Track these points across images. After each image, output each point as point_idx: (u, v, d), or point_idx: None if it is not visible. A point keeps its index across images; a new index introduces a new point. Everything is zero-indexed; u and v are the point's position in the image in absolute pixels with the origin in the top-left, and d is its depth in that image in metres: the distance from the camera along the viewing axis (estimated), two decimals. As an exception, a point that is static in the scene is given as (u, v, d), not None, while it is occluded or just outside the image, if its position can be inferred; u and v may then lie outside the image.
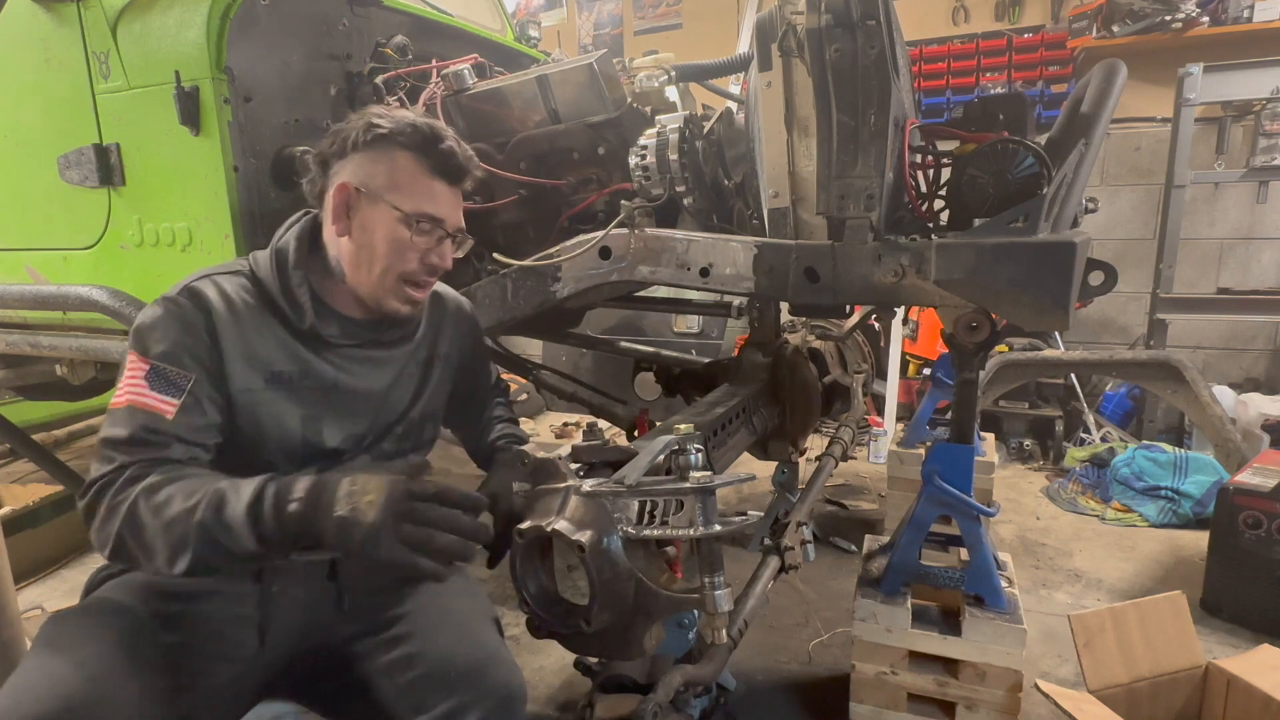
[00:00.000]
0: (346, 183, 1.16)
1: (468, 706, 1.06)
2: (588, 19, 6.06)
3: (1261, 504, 2.22)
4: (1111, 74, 1.53)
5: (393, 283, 1.19)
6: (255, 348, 1.15)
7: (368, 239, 1.17)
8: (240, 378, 1.13)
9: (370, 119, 1.16)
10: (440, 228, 1.19)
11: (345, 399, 1.23)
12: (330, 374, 1.21)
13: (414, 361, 1.33)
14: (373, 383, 1.26)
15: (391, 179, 1.16)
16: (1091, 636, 1.57)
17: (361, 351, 1.25)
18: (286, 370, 1.17)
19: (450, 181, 1.21)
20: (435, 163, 1.18)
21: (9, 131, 2.08)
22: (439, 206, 1.19)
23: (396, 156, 1.16)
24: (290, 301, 1.17)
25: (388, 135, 1.15)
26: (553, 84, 1.85)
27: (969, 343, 1.41)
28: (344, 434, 1.23)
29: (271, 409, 1.16)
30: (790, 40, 1.31)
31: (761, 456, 2.23)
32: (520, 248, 1.86)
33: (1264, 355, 4.28)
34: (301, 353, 1.19)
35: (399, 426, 1.30)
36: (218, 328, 1.11)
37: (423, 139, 1.16)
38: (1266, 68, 3.50)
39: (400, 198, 1.15)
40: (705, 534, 1.01)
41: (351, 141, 1.16)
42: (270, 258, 1.19)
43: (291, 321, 1.17)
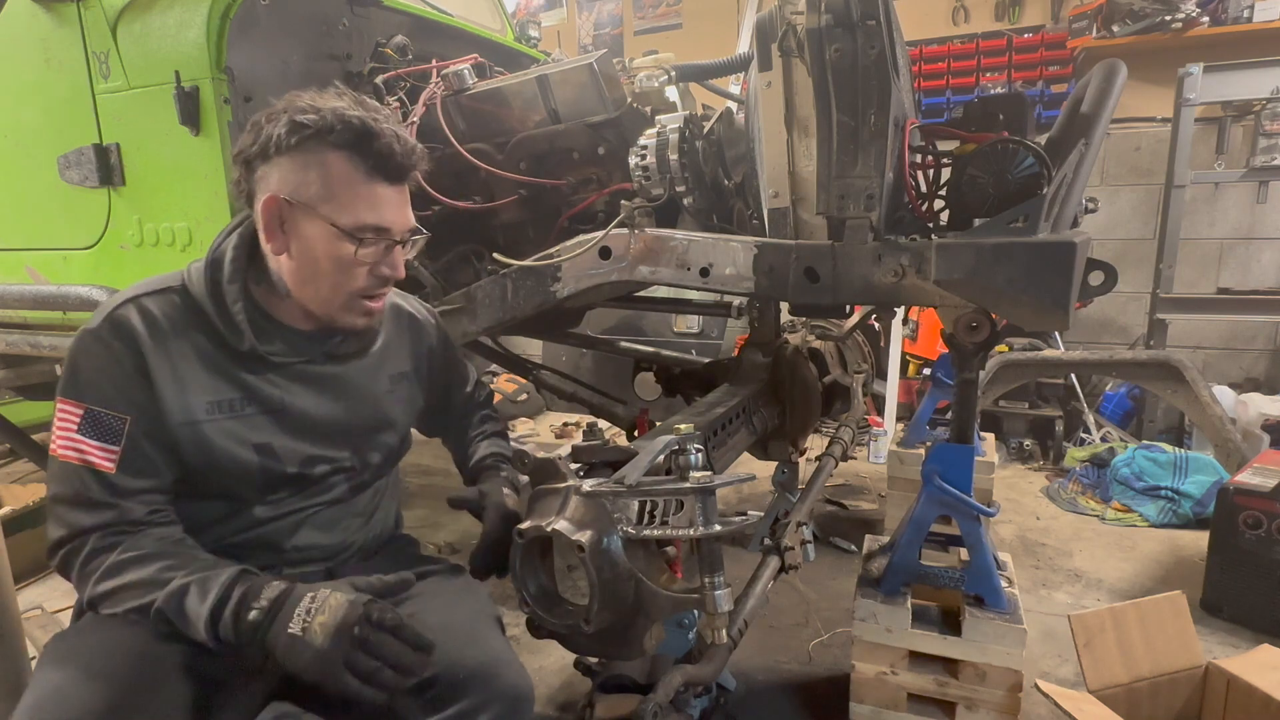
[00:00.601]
0: (274, 195, 1.03)
1: (477, 709, 1.06)
2: (588, 19, 6.06)
3: (1261, 504, 2.22)
4: (1111, 74, 1.53)
5: (343, 300, 1.09)
6: (190, 376, 1.05)
7: (307, 258, 1.06)
8: (178, 411, 1.04)
9: (293, 115, 1.01)
10: (386, 236, 1.07)
11: (297, 421, 1.14)
12: (276, 396, 1.12)
13: (383, 376, 1.26)
14: (328, 402, 1.17)
15: (326, 188, 1.02)
16: (1091, 636, 1.57)
17: (313, 368, 1.15)
18: (228, 397, 1.08)
19: (393, 181, 1.07)
20: (373, 163, 1.04)
21: (9, 131, 2.09)
22: (382, 214, 1.06)
23: (328, 160, 1.02)
24: (226, 322, 1.06)
25: (315, 134, 1.01)
26: (553, 84, 1.85)
27: (969, 343, 1.41)
28: (305, 457, 1.15)
29: (218, 441, 1.07)
30: (790, 40, 1.31)
31: (761, 456, 2.23)
32: (520, 248, 1.86)
33: (1264, 355, 4.28)
34: (242, 376, 1.09)
35: (362, 439, 1.23)
36: (146, 358, 1.02)
37: (355, 136, 1.02)
38: (1266, 68, 3.50)
39: (338, 210, 1.03)
40: (705, 534, 1.01)
41: (275, 143, 1.02)
42: (204, 272, 1.08)
43: (229, 343, 1.07)
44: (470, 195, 1.95)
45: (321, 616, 0.91)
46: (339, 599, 0.93)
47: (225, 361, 1.08)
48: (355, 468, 1.22)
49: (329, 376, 1.18)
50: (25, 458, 3.24)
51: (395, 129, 1.06)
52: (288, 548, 1.18)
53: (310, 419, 1.15)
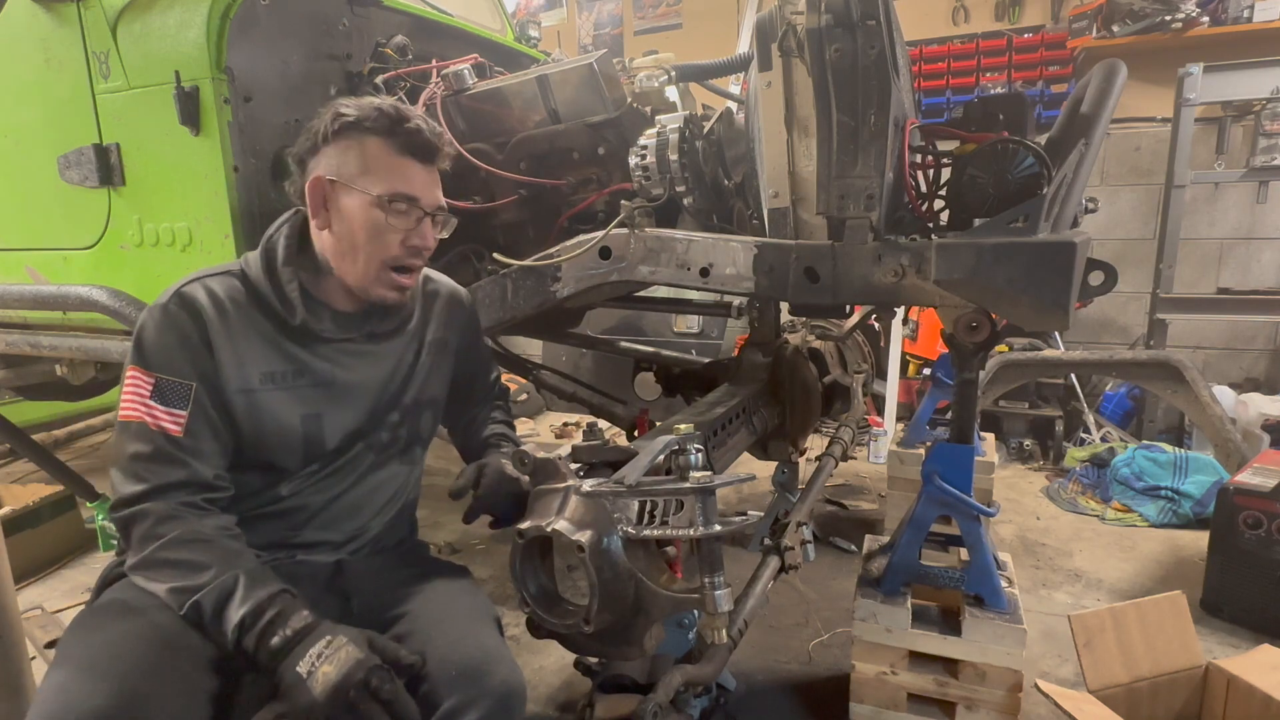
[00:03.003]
0: (320, 176, 1.16)
1: (467, 705, 1.06)
2: (588, 19, 6.06)
3: (1261, 504, 2.22)
4: (1111, 74, 1.53)
5: (377, 270, 1.19)
6: (248, 349, 1.16)
7: (346, 228, 1.17)
8: (236, 379, 1.15)
9: (337, 109, 1.16)
10: (416, 206, 1.19)
11: (343, 394, 1.24)
12: (326, 370, 1.22)
13: (414, 353, 1.34)
14: (369, 376, 1.27)
15: (362, 165, 1.16)
16: (1091, 636, 1.57)
17: (356, 345, 1.26)
18: (281, 369, 1.19)
19: (422, 160, 1.20)
20: (403, 142, 1.17)
21: (9, 131, 2.09)
22: (412, 185, 1.18)
23: (365, 142, 1.16)
24: (281, 299, 1.18)
25: (354, 123, 1.15)
26: (553, 84, 1.85)
27: (969, 343, 1.41)
28: (346, 430, 1.25)
29: (270, 409, 1.17)
30: (790, 40, 1.31)
31: (761, 456, 2.23)
32: (520, 248, 1.86)
33: (1264, 355, 4.28)
34: (295, 351, 1.20)
35: (394, 414, 1.31)
36: (209, 332, 1.13)
37: (389, 121, 1.16)
38: (1266, 68, 3.49)
39: (371, 181, 1.16)
40: (705, 534, 1.01)
41: (321, 135, 1.16)
42: (260, 257, 1.20)
43: (284, 320, 1.18)
44: (470, 195, 1.95)
45: (327, 667, 0.96)
46: (349, 654, 0.98)
47: (279, 337, 1.19)
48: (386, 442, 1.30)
49: (370, 353, 1.28)
50: (25, 458, 3.25)
51: (424, 117, 1.21)
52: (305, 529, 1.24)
53: (354, 392, 1.25)
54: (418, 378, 1.35)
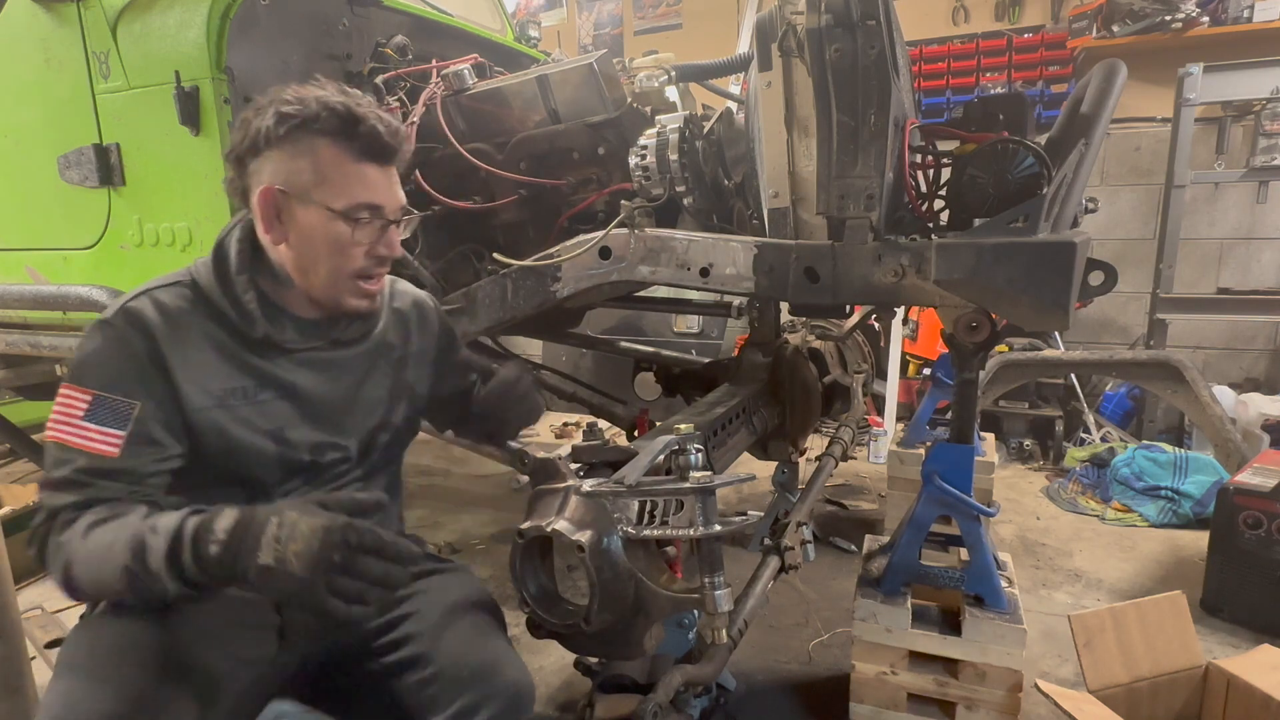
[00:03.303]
0: (269, 186, 1.06)
1: (478, 705, 1.06)
2: (588, 19, 6.06)
3: (1261, 504, 2.22)
4: (1111, 74, 1.53)
5: (344, 282, 1.12)
6: (205, 363, 1.08)
7: (305, 243, 1.08)
8: (195, 397, 1.06)
9: (279, 108, 1.05)
10: (380, 215, 1.10)
11: (313, 406, 1.17)
12: (290, 381, 1.14)
13: (384, 361, 1.27)
14: (340, 385, 1.20)
15: (317, 174, 1.06)
16: (1091, 636, 1.57)
17: (322, 354, 1.18)
18: (242, 384, 1.10)
19: (381, 162, 1.10)
20: (361, 146, 1.07)
21: (9, 131, 2.09)
22: (374, 193, 1.09)
23: (317, 147, 1.05)
24: (238, 310, 1.09)
25: (302, 124, 1.04)
26: (553, 84, 1.85)
27: (969, 343, 1.41)
28: (316, 443, 1.17)
29: (235, 426, 1.09)
30: (790, 40, 1.31)
31: (761, 456, 2.23)
32: (520, 248, 1.86)
33: (1264, 355, 4.28)
34: (256, 363, 1.12)
35: (384, 434, 1.26)
36: (161, 348, 1.04)
37: (341, 122, 1.05)
38: (1266, 68, 3.49)
39: (331, 194, 1.06)
40: (705, 534, 1.01)
41: (264, 136, 1.05)
42: (211, 265, 1.11)
43: (242, 331, 1.10)
44: (470, 195, 1.95)
45: (295, 545, 0.87)
46: (311, 524, 0.88)
47: (238, 349, 1.11)
48: (362, 453, 1.24)
49: (336, 361, 1.20)
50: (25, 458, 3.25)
51: (379, 112, 1.09)
52: None
53: (321, 403, 1.18)
54: (404, 391, 1.29)
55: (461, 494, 3.58)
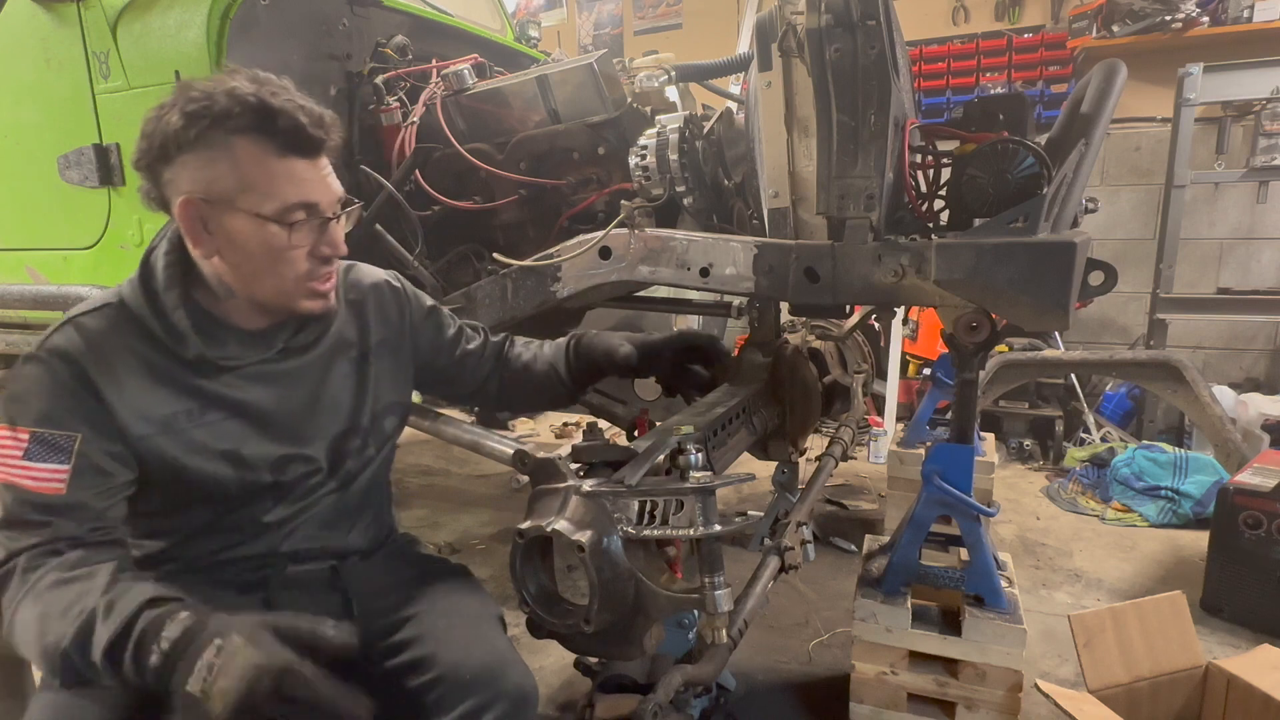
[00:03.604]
0: (188, 197, 0.97)
1: (483, 709, 1.05)
2: (588, 19, 6.06)
3: (1261, 504, 2.22)
4: (1111, 74, 1.53)
5: (291, 288, 1.04)
6: (141, 389, 1.01)
7: (240, 256, 1.00)
8: (134, 425, 0.99)
9: (185, 106, 0.95)
10: (316, 213, 1.02)
11: (268, 421, 1.10)
12: (237, 399, 1.07)
13: (344, 361, 1.19)
14: (296, 395, 1.13)
15: (239, 178, 0.97)
16: (1091, 636, 1.57)
17: (270, 366, 1.10)
18: (184, 408, 1.03)
19: (308, 155, 1.01)
20: (283, 140, 0.98)
21: (9, 131, 2.09)
22: (305, 190, 1.00)
23: (234, 147, 0.96)
24: (169, 331, 1.02)
25: (213, 123, 0.95)
26: (553, 84, 1.86)
27: (969, 343, 1.41)
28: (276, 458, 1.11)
29: (183, 451, 1.03)
30: (790, 40, 1.31)
31: (761, 456, 2.23)
32: (520, 248, 1.86)
33: (1264, 355, 4.28)
34: (199, 383, 1.04)
35: (354, 438, 1.19)
36: (92, 377, 0.97)
37: (257, 117, 0.96)
38: (1266, 68, 3.49)
39: (258, 199, 0.97)
40: (705, 534, 1.01)
41: (173, 141, 0.96)
42: (138, 283, 1.03)
43: (176, 352, 1.02)
44: (470, 195, 1.95)
45: (223, 681, 0.78)
46: (246, 659, 0.79)
47: (177, 371, 1.03)
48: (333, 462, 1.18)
49: (290, 372, 1.12)
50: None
51: (298, 100, 1.00)
52: (284, 552, 1.16)
53: (276, 417, 1.11)
54: (370, 391, 1.21)
55: (461, 494, 3.58)
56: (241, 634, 0.82)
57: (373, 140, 1.98)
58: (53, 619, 0.87)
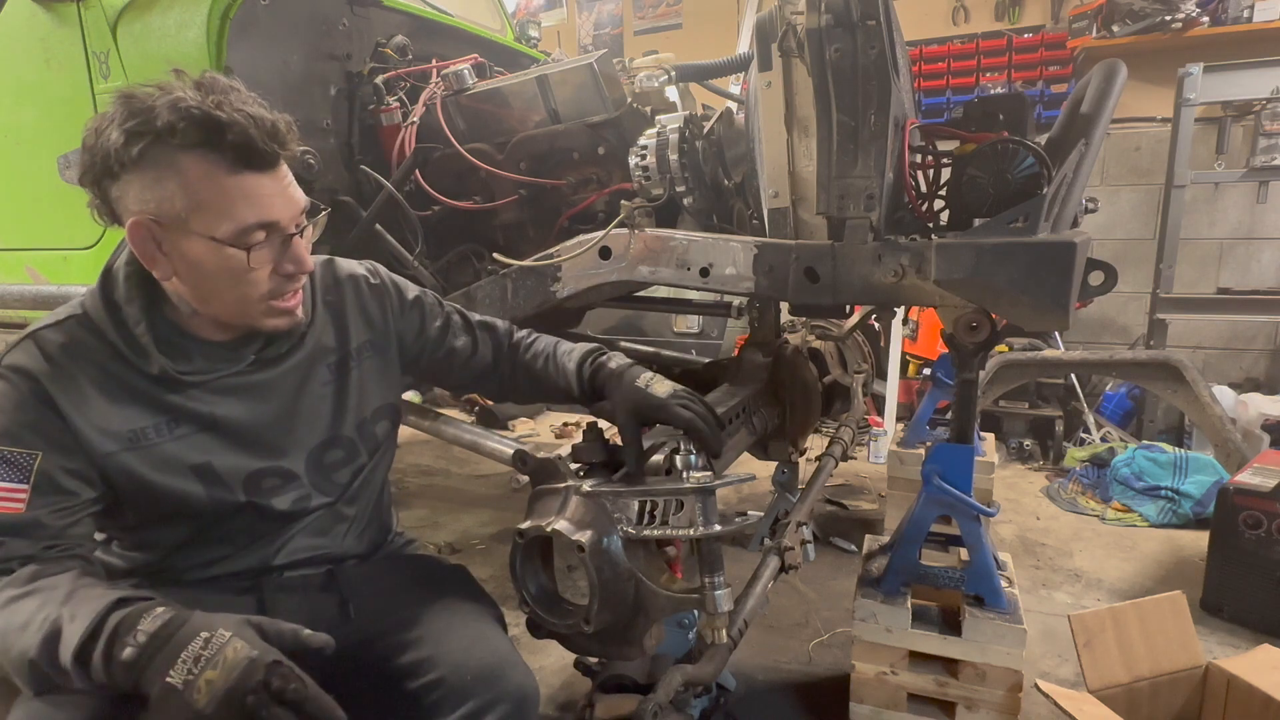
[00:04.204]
0: (138, 219, 0.92)
1: (484, 710, 1.05)
2: (588, 19, 6.06)
3: (1261, 504, 2.22)
4: (1111, 74, 1.53)
5: (253, 307, 1.00)
6: (104, 405, 0.97)
7: (198, 278, 0.96)
8: (97, 441, 0.96)
9: (123, 123, 0.89)
10: (276, 231, 0.97)
11: (239, 435, 1.06)
12: (206, 413, 1.03)
13: (321, 368, 1.14)
14: (270, 407, 1.09)
15: (190, 198, 0.91)
16: (1091, 636, 1.57)
17: (241, 379, 1.06)
18: (150, 423, 1.00)
19: (262, 169, 0.95)
20: (233, 156, 0.91)
21: (9, 131, 2.09)
22: (262, 208, 0.95)
23: (181, 165, 0.90)
24: (130, 344, 0.98)
25: (155, 139, 0.89)
26: (553, 84, 1.86)
27: (969, 343, 1.41)
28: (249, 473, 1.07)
29: (151, 468, 1.00)
30: (790, 40, 1.31)
31: (761, 456, 2.23)
32: (520, 248, 1.86)
33: (1264, 355, 4.28)
34: (164, 397, 1.01)
35: (336, 450, 1.16)
36: (51, 394, 0.94)
37: (203, 132, 0.89)
38: (1266, 68, 3.49)
39: (212, 221, 0.92)
40: (705, 534, 1.01)
41: (116, 158, 0.90)
42: (99, 295, 0.99)
43: (140, 367, 0.99)
44: (470, 195, 1.95)
45: (211, 672, 0.76)
46: (238, 652, 0.78)
47: (142, 385, 1.00)
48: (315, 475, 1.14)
49: (262, 384, 1.08)
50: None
51: (248, 110, 0.93)
52: (277, 564, 1.14)
53: (248, 431, 1.07)
54: (351, 399, 1.17)
55: (461, 494, 3.58)
56: (229, 629, 0.81)
57: (373, 140, 1.98)
58: (13, 632, 0.84)
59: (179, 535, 1.08)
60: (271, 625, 0.85)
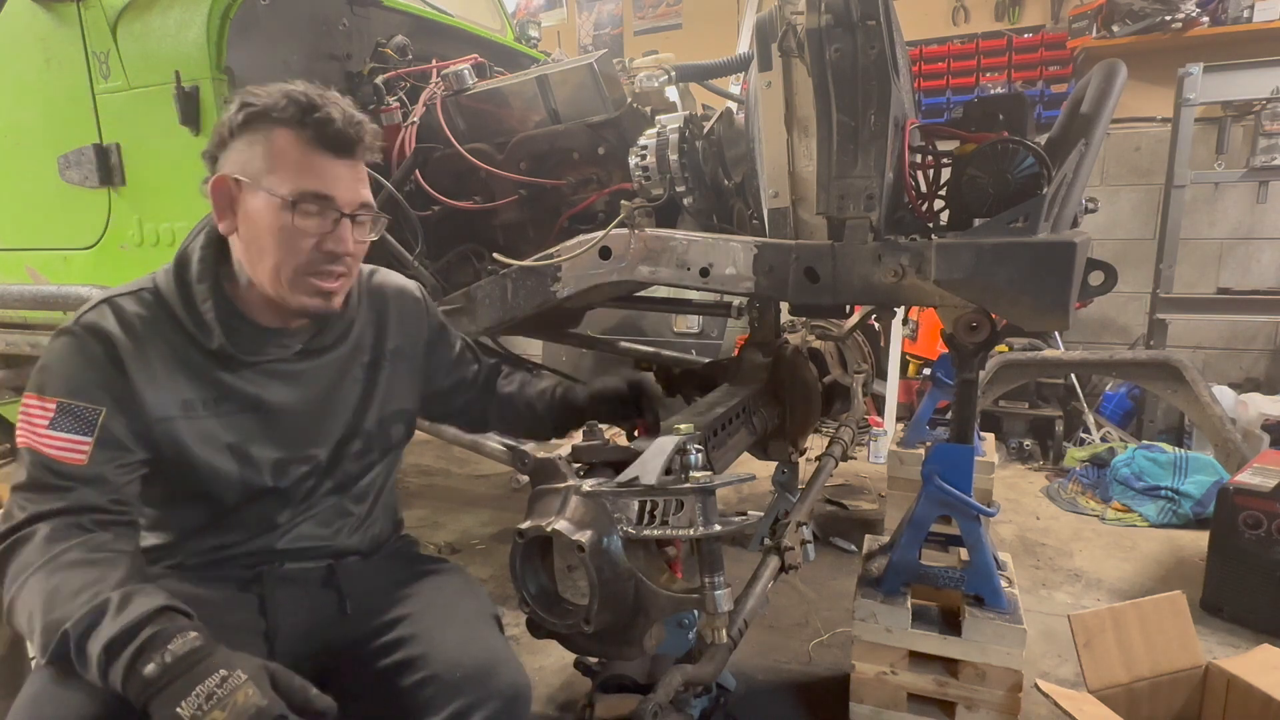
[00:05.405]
0: (224, 175, 1.04)
1: (474, 707, 1.05)
2: (588, 19, 6.06)
3: (1261, 504, 2.22)
4: (1111, 74, 1.53)
5: (290, 276, 1.06)
6: (164, 374, 1.05)
7: (253, 233, 1.05)
8: (155, 407, 1.04)
9: (243, 97, 1.04)
10: (330, 207, 1.05)
11: (277, 420, 1.13)
12: (253, 394, 1.11)
13: (356, 365, 1.22)
14: (309, 396, 1.16)
15: (268, 161, 1.03)
16: (1091, 636, 1.57)
17: (287, 365, 1.14)
18: (201, 396, 1.07)
19: (337, 153, 1.05)
20: (313, 133, 1.03)
21: (9, 131, 2.09)
22: (325, 183, 1.04)
23: (273, 135, 1.03)
24: (195, 320, 1.06)
25: (260, 112, 1.03)
26: (553, 84, 1.86)
27: (969, 343, 1.41)
28: (279, 459, 1.14)
29: (195, 438, 1.07)
30: (790, 40, 1.31)
31: (761, 456, 2.23)
32: (520, 248, 1.86)
33: (1264, 355, 4.28)
34: (216, 374, 1.08)
35: (356, 442, 1.21)
36: (121, 356, 1.02)
37: (298, 110, 1.02)
38: (1266, 68, 3.49)
39: (277, 180, 1.02)
40: (705, 534, 1.01)
41: (228, 127, 1.04)
42: (173, 272, 1.08)
43: (200, 341, 1.07)
44: (470, 195, 1.95)
45: (219, 713, 0.80)
46: (248, 699, 0.81)
47: (199, 360, 1.07)
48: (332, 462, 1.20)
49: (305, 372, 1.16)
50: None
51: (341, 104, 1.06)
52: (281, 549, 1.17)
53: (287, 416, 1.14)
54: (378, 395, 1.24)
55: (461, 494, 3.58)
56: (247, 672, 0.84)
57: (373, 140, 1.98)
58: (64, 596, 0.88)
59: (197, 519, 1.13)
60: (285, 676, 0.89)
